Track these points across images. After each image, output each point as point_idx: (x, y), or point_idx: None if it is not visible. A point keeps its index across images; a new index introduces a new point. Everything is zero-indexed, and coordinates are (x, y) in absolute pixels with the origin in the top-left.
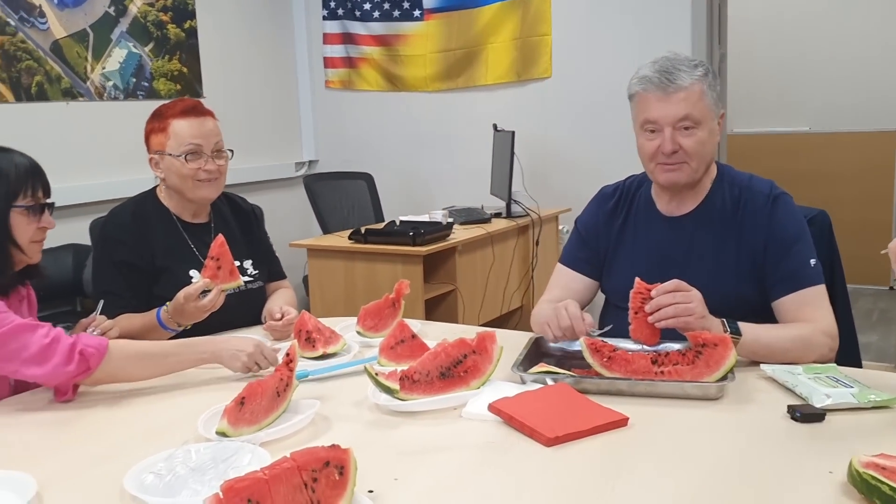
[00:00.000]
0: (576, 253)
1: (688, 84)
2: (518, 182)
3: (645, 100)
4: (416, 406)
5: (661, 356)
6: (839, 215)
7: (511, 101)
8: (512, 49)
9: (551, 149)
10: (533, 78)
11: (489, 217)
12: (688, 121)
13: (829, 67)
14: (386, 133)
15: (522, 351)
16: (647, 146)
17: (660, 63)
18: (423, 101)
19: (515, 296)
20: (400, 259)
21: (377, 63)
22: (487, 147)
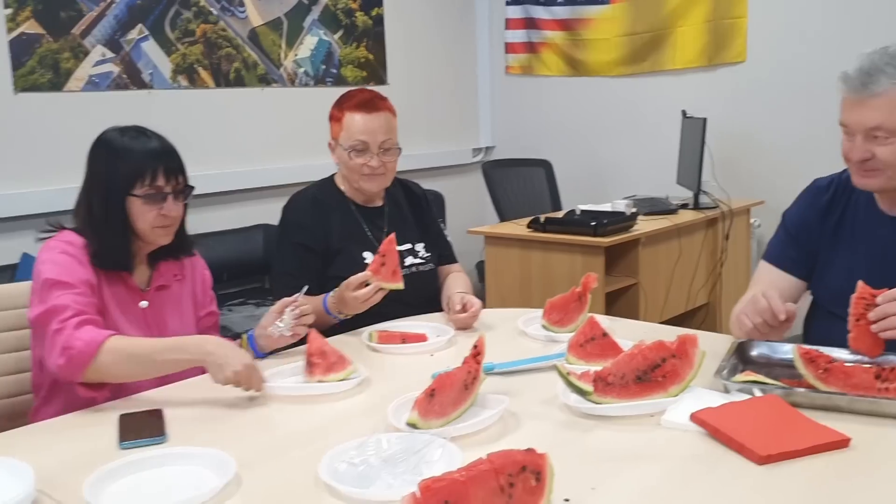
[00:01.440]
0: (783, 250)
1: (884, 90)
2: (707, 172)
3: (843, 100)
4: (611, 410)
5: (886, 370)
6: None
7: (701, 86)
8: (703, 32)
9: (744, 137)
10: (725, 62)
11: (675, 208)
12: (881, 130)
13: None
14: (566, 119)
15: (725, 357)
16: (844, 146)
17: (867, 58)
18: (606, 86)
19: (701, 293)
20: (579, 250)
21: (559, 48)
22: (673, 134)
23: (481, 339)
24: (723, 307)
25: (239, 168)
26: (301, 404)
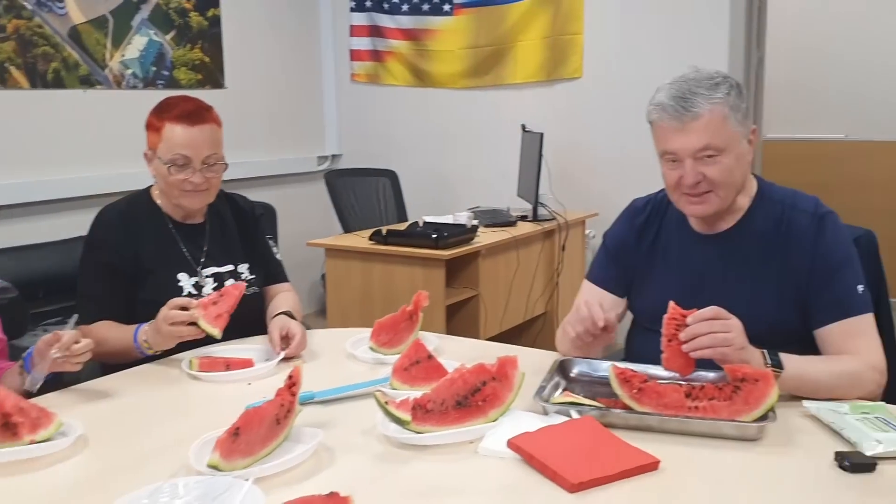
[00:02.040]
0: (604, 270)
1: (706, 110)
2: (545, 185)
3: (662, 129)
4: (429, 439)
5: (696, 389)
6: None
7: (540, 100)
8: (542, 48)
9: (580, 151)
10: (563, 78)
11: (515, 220)
12: (709, 150)
13: (866, 75)
14: (412, 129)
15: (546, 376)
16: (670, 176)
17: (676, 86)
18: (451, 98)
19: (539, 302)
20: (420, 262)
21: (404, 57)
22: (515, 147)
23: (297, 369)
24: (559, 316)
25: (58, 176)
26: (94, 442)
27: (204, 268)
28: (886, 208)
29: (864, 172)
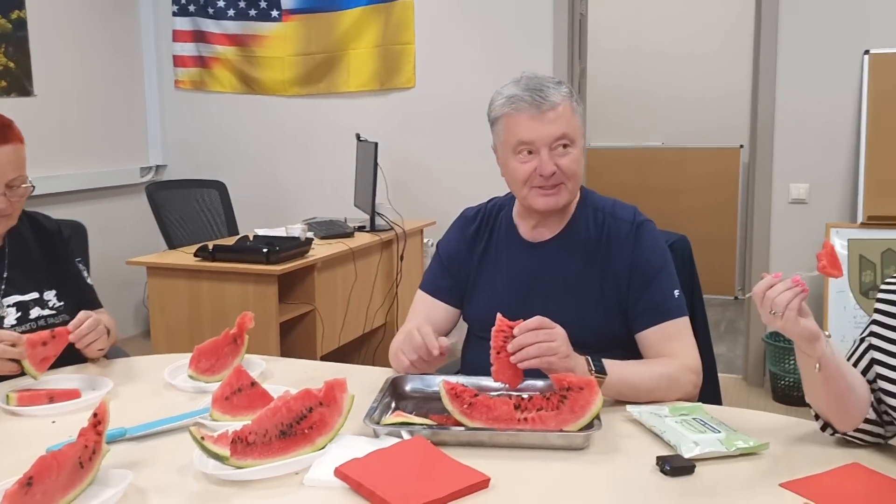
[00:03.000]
0: (437, 280)
1: (559, 101)
2: (382, 194)
3: (516, 120)
4: (250, 474)
5: (525, 401)
6: (688, 226)
7: (375, 109)
8: (374, 56)
9: (415, 160)
10: (397, 87)
11: (352, 231)
12: (564, 139)
13: (682, 86)
14: (241, 138)
15: (377, 396)
16: (522, 169)
17: (525, 82)
18: (282, 106)
19: (379, 314)
20: (252, 279)
21: (231, 64)
22: (351, 157)
23: (102, 404)
24: (400, 326)
25: None
26: None
27: (4, 296)
28: (700, 209)
29: (679, 177)
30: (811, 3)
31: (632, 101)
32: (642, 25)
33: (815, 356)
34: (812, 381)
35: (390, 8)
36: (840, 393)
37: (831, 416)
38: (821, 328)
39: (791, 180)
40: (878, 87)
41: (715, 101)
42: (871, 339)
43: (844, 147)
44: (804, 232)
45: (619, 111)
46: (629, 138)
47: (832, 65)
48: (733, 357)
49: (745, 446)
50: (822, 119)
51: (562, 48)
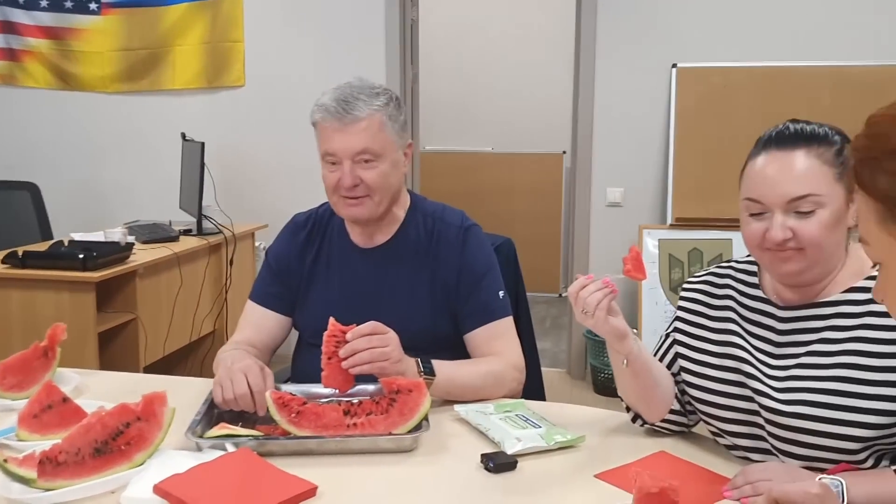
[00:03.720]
0: (267, 288)
1: (366, 115)
2: (210, 196)
3: (324, 130)
4: (60, 496)
5: (355, 406)
6: (516, 228)
7: (203, 108)
8: (202, 53)
9: (246, 161)
10: (225, 85)
11: (177, 235)
12: (367, 154)
13: (511, 94)
14: (56, 137)
15: (200, 408)
16: (329, 178)
17: (340, 90)
18: (103, 103)
19: (207, 321)
20: (67, 287)
21: (45, 58)
22: (176, 157)
23: None
24: (229, 334)
25: None
26: None
27: None
28: (527, 212)
29: (508, 181)
30: (626, 19)
31: (463, 108)
32: (472, 33)
33: (624, 352)
34: (622, 376)
35: (217, 4)
36: (647, 386)
37: (640, 408)
38: (632, 326)
39: (608, 185)
40: (684, 98)
41: (541, 109)
42: (674, 335)
43: (655, 154)
44: (620, 233)
45: (452, 117)
46: (461, 143)
47: (644, 77)
48: (558, 352)
49: (563, 440)
50: (635, 127)
51: (394, 53)
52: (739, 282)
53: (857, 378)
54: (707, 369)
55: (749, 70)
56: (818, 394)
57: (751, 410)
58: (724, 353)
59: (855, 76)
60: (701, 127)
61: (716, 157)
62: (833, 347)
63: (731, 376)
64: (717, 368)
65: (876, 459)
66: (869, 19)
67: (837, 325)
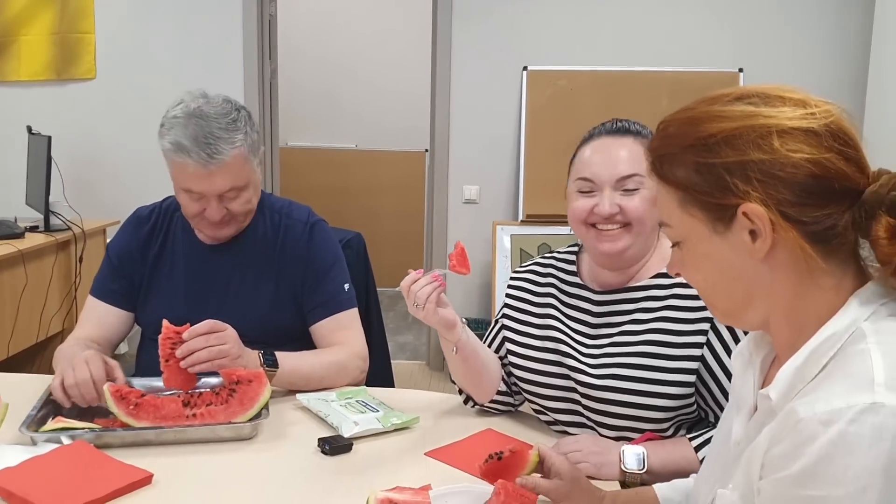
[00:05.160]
0: (108, 283)
1: (230, 158)
2: (58, 192)
3: (182, 170)
4: None
5: (195, 397)
6: (380, 226)
7: (51, 101)
8: (49, 44)
9: (96, 156)
10: (75, 78)
11: (22, 231)
12: (231, 190)
13: (376, 92)
14: None
15: (37, 403)
16: (190, 207)
17: (194, 125)
18: None
19: (56, 320)
20: None
21: None
22: (21, 151)
23: None
24: None
25: None
26: None
27: None
28: (391, 209)
29: (372, 178)
30: (480, 22)
31: (327, 104)
32: (335, 30)
33: (453, 340)
34: (453, 362)
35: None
36: (476, 371)
37: (471, 390)
38: (486, 315)
39: (464, 182)
40: (534, 100)
41: (403, 107)
42: (502, 321)
43: (508, 153)
44: (476, 228)
45: (316, 113)
46: (324, 139)
47: (498, 78)
48: (419, 345)
49: (398, 422)
50: (490, 127)
51: (252, 48)
52: (560, 270)
53: (660, 353)
54: (530, 351)
55: (594, 74)
56: (627, 368)
57: (568, 388)
58: (545, 336)
59: (691, 81)
60: (550, 127)
61: (564, 156)
62: (641, 327)
63: (551, 356)
64: (539, 350)
65: (676, 429)
66: (704, 29)
67: (646, 307)
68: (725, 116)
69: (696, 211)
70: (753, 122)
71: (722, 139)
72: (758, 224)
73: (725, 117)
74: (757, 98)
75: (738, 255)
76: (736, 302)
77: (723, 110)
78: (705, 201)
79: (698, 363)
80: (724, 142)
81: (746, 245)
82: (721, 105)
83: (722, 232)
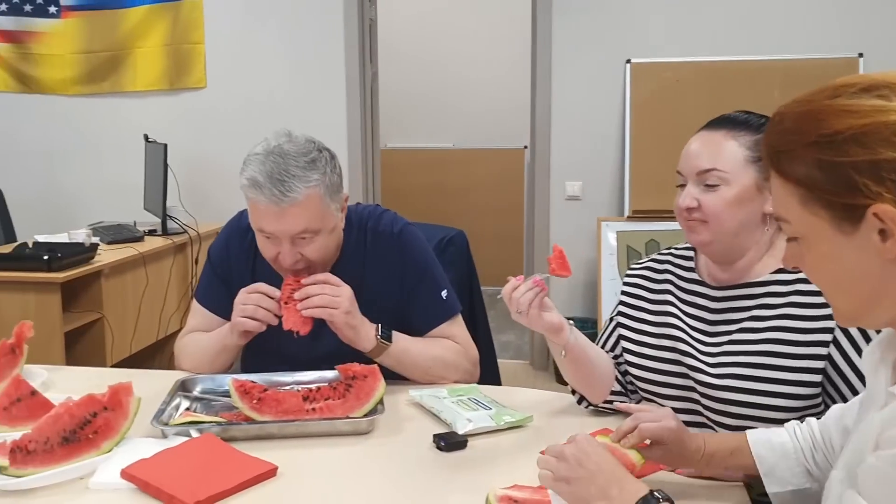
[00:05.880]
0: (208, 289)
1: (303, 198)
2: (174, 196)
3: (255, 207)
4: (30, 483)
5: (313, 392)
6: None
7: (165, 110)
8: (163, 55)
9: (208, 161)
10: (187, 87)
11: (142, 235)
12: (307, 233)
13: (469, 90)
14: (18, 140)
15: (166, 398)
16: (267, 249)
17: (272, 162)
18: (64, 106)
19: (174, 318)
20: (32, 288)
21: (5, 61)
22: (138, 158)
23: None
24: None
25: None
26: None
27: None
28: (489, 207)
29: (469, 176)
30: (580, 16)
31: (424, 104)
32: (431, 30)
33: (561, 343)
34: (563, 364)
35: (178, 7)
36: (587, 372)
37: (583, 391)
38: (592, 316)
39: (567, 178)
40: (638, 93)
41: (502, 104)
42: (617, 318)
43: (612, 148)
44: (579, 225)
45: (413, 113)
46: (422, 140)
47: (600, 72)
48: (521, 344)
49: (512, 420)
50: (592, 122)
51: (353, 52)
52: (677, 266)
53: (783, 353)
54: (646, 349)
55: (701, 65)
56: (748, 367)
57: (686, 386)
58: (662, 334)
59: (805, 70)
60: (655, 120)
61: (670, 149)
62: (762, 324)
63: (669, 355)
64: (656, 348)
65: None
66: (817, 13)
67: (767, 303)
68: (852, 111)
69: (820, 210)
70: (886, 117)
71: (850, 136)
72: (890, 225)
73: (852, 112)
74: (887, 90)
75: (866, 254)
76: (861, 302)
77: (849, 104)
78: (830, 200)
79: (825, 362)
80: (852, 139)
81: (875, 245)
82: (846, 98)
83: (848, 232)
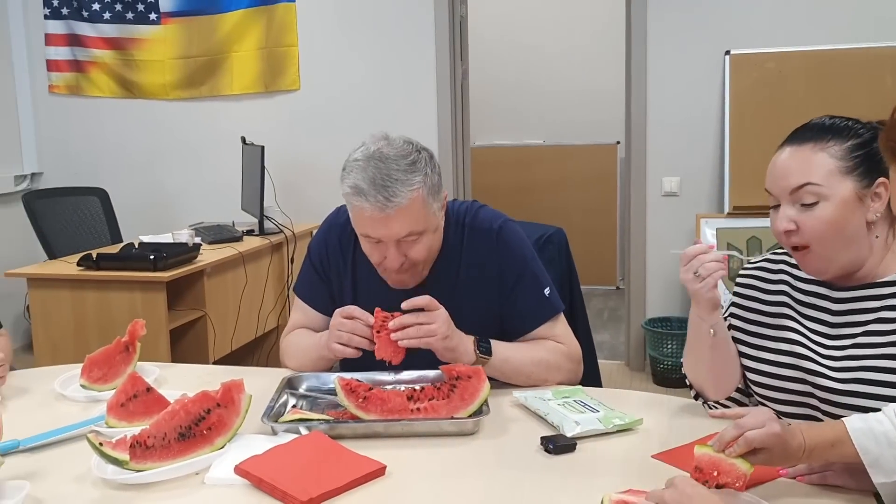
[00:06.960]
0: (309, 285)
1: (407, 202)
2: (270, 197)
3: (360, 213)
4: (150, 477)
5: (417, 392)
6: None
7: (260, 112)
8: (258, 59)
9: (303, 162)
10: (282, 89)
11: (240, 235)
12: (411, 235)
13: (561, 86)
14: (122, 144)
15: (274, 395)
16: (371, 253)
17: (373, 168)
18: (164, 110)
19: (271, 317)
20: (139, 286)
21: (109, 67)
22: (235, 160)
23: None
24: None
25: None
26: None
27: None
28: (581, 204)
29: (561, 173)
30: (676, 7)
31: (514, 101)
32: (521, 26)
33: (712, 322)
34: (699, 348)
35: (272, 11)
36: (724, 360)
37: (708, 383)
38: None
39: (663, 174)
40: (737, 85)
41: (593, 100)
42: (730, 320)
43: (710, 142)
44: (676, 222)
45: (502, 110)
46: (512, 137)
47: (697, 65)
48: (616, 344)
49: (621, 423)
50: (690, 116)
51: (444, 51)
52: (793, 266)
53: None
54: (762, 352)
55: (804, 54)
56: (875, 372)
57: (804, 392)
58: (779, 337)
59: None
60: (756, 114)
61: (773, 143)
62: (889, 327)
63: (786, 359)
64: (772, 352)
65: None
66: None
67: (894, 304)
68: None
69: None
70: None
71: None
72: None
73: None
74: None
75: None
76: None
77: None
78: None
79: None
80: None
81: None
82: None
83: None
